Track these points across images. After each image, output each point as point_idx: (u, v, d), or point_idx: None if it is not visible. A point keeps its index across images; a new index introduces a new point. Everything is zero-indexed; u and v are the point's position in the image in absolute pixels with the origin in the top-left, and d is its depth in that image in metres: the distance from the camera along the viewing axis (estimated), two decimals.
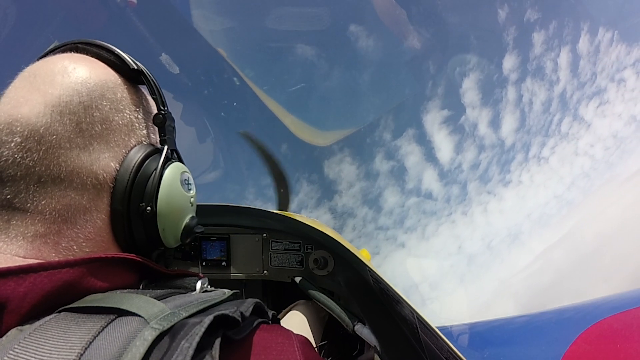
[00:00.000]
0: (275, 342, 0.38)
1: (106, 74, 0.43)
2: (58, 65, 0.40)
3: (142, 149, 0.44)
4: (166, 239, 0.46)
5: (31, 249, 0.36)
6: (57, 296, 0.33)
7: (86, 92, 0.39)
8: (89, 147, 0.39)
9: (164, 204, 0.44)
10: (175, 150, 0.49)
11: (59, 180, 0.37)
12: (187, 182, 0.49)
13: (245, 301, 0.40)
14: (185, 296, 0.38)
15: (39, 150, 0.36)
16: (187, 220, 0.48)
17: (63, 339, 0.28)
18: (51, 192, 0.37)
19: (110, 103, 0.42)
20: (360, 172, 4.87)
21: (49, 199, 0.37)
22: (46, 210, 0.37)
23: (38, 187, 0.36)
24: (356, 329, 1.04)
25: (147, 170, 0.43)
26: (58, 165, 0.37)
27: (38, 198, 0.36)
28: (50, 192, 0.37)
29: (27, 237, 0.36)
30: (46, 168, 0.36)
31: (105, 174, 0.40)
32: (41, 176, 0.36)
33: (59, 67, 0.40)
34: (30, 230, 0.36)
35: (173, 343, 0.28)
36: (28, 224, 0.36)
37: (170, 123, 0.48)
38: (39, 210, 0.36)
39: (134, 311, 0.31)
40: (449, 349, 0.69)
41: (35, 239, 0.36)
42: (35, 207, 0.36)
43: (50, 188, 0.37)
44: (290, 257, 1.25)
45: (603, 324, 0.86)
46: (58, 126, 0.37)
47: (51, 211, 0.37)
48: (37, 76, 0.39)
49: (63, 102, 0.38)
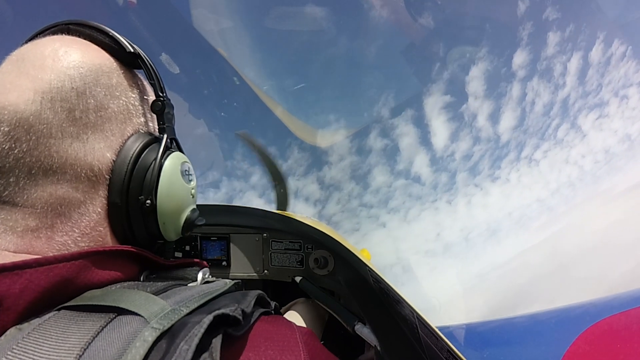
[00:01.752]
0: (277, 334, 0.36)
1: (100, 58, 0.40)
2: (48, 48, 0.37)
3: (140, 138, 0.41)
4: (167, 233, 0.44)
5: (22, 243, 0.35)
6: (55, 292, 0.32)
7: (79, 77, 0.37)
8: (82, 137, 0.36)
9: (165, 196, 0.42)
10: (174, 139, 0.47)
11: (51, 171, 0.35)
12: (187, 173, 0.46)
13: (247, 294, 0.39)
14: (186, 289, 0.37)
15: (28, 140, 0.34)
16: (189, 213, 0.46)
17: (62, 339, 0.27)
18: (42, 184, 0.35)
19: (105, 89, 0.39)
20: (353, 147, 4.80)
21: (40, 191, 0.35)
22: (37, 203, 0.35)
23: (28, 180, 0.34)
24: (356, 329, 1.04)
25: (146, 161, 0.41)
26: (49, 156, 0.35)
27: (29, 191, 0.34)
28: (41, 184, 0.35)
29: (17, 231, 0.35)
30: (37, 159, 0.34)
31: (101, 165, 0.38)
32: (31, 168, 0.34)
33: (50, 50, 0.37)
34: (21, 225, 0.35)
35: (172, 344, 0.28)
36: (18, 218, 0.34)
37: (170, 110, 0.46)
38: (30, 203, 0.35)
39: (133, 310, 0.30)
40: (449, 349, 0.69)
41: (26, 234, 0.35)
42: (25, 201, 0.35)
43: (42, 180, 0.35)
44: (290, 256, 1.25)
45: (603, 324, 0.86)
46: (49, 114, 0.34)
47: (43, 205, 0.35)
48: (25, 60, 0.36)
49: (54, 88, 0.35)
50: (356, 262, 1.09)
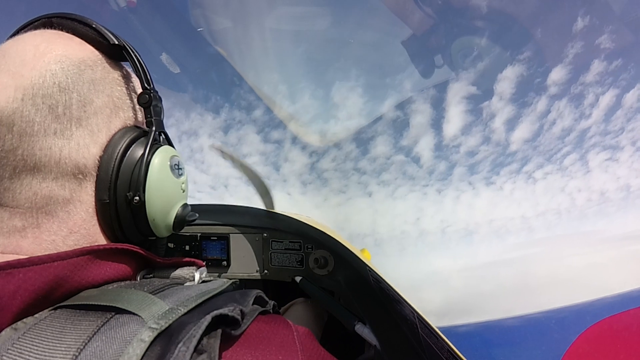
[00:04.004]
0: (275, 334, 0.36)
1: (84, 51, 0.39)
2: (30, 43, 0.37)
3: (127, 132, 0.40)
4: (157, 229, 0.43)
5: (8, 244, 0.34)
6: (50, 291, 0.31)
7: (61, 72, 0.36)
8: (67, 133, 0.35)
9: (153, 192, 0.41)
10: (163, 132, 0.46)
11: (36, 170, 0.34)
12: (177, 167, 0.45)
13: (246, 294, 0.38)
14: (183, 288, 0.36)
15: (11, 139, 0.33)
16: (179, 208, 0.46)
17: (58, 339, 0.27)
18: (27, 183, 0.34)
19: (89, 83, 0.38)
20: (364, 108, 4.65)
21: (25, 191, 0.34)
22: (23, 202, 0.34)
23: (12, 179, 0.33)
24: (356, 329, 1.04)
25: (134, 156, 0.40)
26: (33, 154, 0.34)
27: (13, 190, 0.34)
28: (26, 183, 0.34)
29: (2, 231, 0.34)
30: (20, 157, 0.33)
31: (87, 161, 0.37)
32: (15, 166, 0.33)
33: (31, 45, 0.36)
34: (7, 225, 0.34)
35: (170, 345, 0.27)
36: (4, 218, 0.34)
37: (157, 103, 0.44)
38: (15, 203, 0.34)
39: (130, 309, 0.30)
40: (449, 349, 0.69)
41: (12, 234, 0.34)
42: (10, 201, 0.34)
43: (26, 179, 0.34)
44: (290, 256, 1.25)
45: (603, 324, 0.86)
46: (31, 111, 0.33)
47: (29, 204, 0.34)
48: (7, 57, 0.35)
49: (36, 84, 0.34)
50: (356, 262, 1.09)
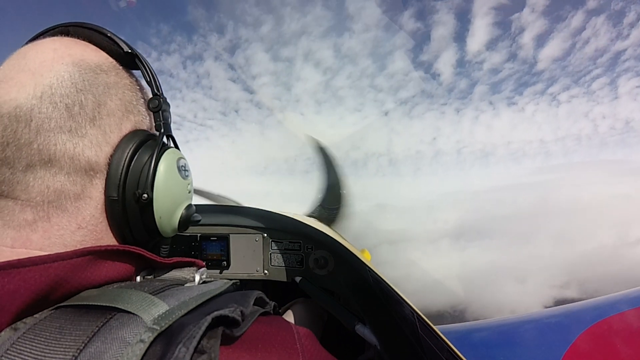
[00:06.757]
0: (276, 335, 0.36)
1: (99, 57, 0.42)
2: (48, 47, 0.39)
3: (137, 134, 0.42)
4: (163, 228, 0.45)
5: (19, 237, 0.35)
6: (50, 291, 0.31)
7: (79, 74, 0.38)
8: (81, 131, 0.37)
9: (161, 190, 0.42)
10: (171, 136, 0.48)
11: (49, 164, 0.35)
12: (184, 169, 0.48)
13: (246, 295, 0.39)
14: (183, 289, 0.37)
15: (27, 132, 0.34)
16: (185, 208, 0.48)
17: (57, 340, 0.27)
18: (40, 177, 0.35)
19: (103, 86, 0.40)
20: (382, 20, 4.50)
21: (37, 184, 0.35)
22: (34, 196, 0.35)
23: (26, 172, 0.35)
24: (357, 329, 1.04)
25: (143, 156, 0.42)
26: (47, 150, 0.35)
27: (26, 183, 0.35)
28: (39, 177, 0.35)
29: (13, 225, 0.35)
30: (36, 151, 0.35)
31: (98, 159, 0.38)
32: (30, 159, 0.35)
33: (50, 49, 0.39)
34: (18, 218, 0.35)
35: (170, 346, 0.27)
36: (15, 211, 0.35)
37: (166, 108, 0.47)
38: (27, 196, 0.35)
39: (131, 310, 0.30)
40: (449, 349, 0.69)
41: (23, 227, 0.35)
42: (22, 193, 0.35)
43: (40, 173, 0.35)
44: (290, 256, 1.25)
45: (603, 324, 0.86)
46: (49, 108, 0.35)
47: (40, 197, 0.35)
48: (27, 58, 0.38)
49: (54, 84, 0.36)
50: (356, 262, 1.09)
